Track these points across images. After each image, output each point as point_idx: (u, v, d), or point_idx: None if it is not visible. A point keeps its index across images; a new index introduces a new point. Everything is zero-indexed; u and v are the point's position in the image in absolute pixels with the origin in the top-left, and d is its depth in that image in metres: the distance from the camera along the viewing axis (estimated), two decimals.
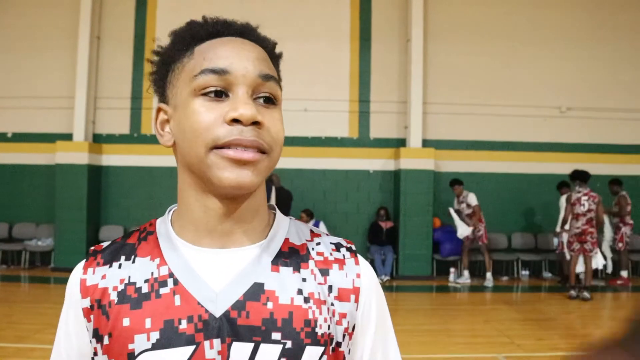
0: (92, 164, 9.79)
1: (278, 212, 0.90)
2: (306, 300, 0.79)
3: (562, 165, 9.69)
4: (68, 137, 9.83)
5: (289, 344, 0.75)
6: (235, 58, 0.77)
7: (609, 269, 9.20)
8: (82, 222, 9.57)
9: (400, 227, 9.69)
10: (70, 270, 0.87)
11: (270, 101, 0.79)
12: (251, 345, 0.74)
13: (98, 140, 10.14)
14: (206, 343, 0.74)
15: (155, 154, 9.83)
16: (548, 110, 10.32)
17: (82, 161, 9.60)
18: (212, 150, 0.75)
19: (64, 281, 0.86)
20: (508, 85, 10.28)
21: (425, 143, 10.01)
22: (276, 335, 0.75)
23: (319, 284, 0.81)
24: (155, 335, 0.74)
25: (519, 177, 10.02)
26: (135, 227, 0.89)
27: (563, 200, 8.98)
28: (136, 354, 0.74)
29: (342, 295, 0.82)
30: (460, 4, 10.35)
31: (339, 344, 0.81)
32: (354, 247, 0.89)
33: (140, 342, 0.75)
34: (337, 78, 10.23)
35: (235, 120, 0.74)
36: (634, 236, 9.60)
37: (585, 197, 8.01)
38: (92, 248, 0.86)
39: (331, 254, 0.85)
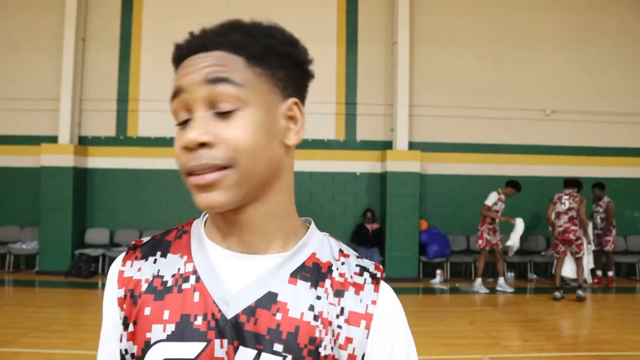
0: (78, 166, 9.70)
1: (312, 226, 0.88)
2: (316, 318, 0.77)
3: (546, 168, 9.77)
4: (53, 139, 9.74)
5: (289, 358, 0.75)
6: (185, 77, 0.77)
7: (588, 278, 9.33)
8: (67, 225, 9.49)
9: (387, 229, 9.71)
10: (55, 274, 0.88)
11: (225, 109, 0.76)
12: (254, 353, 0.75)
13: (84, 142, 10.06)
14: (217, 342, 0.75)
15: (142, 156, 9.77)
16: (533, 113, 10.41)
17: (67, 164, 9.52)
18: (186, 177, 0.76)
19: (49, 284, 0.87)
20: (494, 88, 10.36)
21: (412, 145, 10.05)
22: (278, 347, 0.75)
23: (330, 304, 0.79)
24: (171, 327, 0.76)
25: (504, 179, 10.03)
26: (174, 225, 0.91)
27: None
28: (152, 343, 0.76)
29: (352, 319, 0.80)
30: (446, 7, 10.41)
31: None
32: (379, 274, 0.87)
33: (156, 332, 0.77)
34: (324, 81, 10.22)
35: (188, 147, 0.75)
36: (616, 238, 9.73)
37: (567, 197, 8.13)
38: (133, 242, 0.88)
39: (352, 277, 0.83)
